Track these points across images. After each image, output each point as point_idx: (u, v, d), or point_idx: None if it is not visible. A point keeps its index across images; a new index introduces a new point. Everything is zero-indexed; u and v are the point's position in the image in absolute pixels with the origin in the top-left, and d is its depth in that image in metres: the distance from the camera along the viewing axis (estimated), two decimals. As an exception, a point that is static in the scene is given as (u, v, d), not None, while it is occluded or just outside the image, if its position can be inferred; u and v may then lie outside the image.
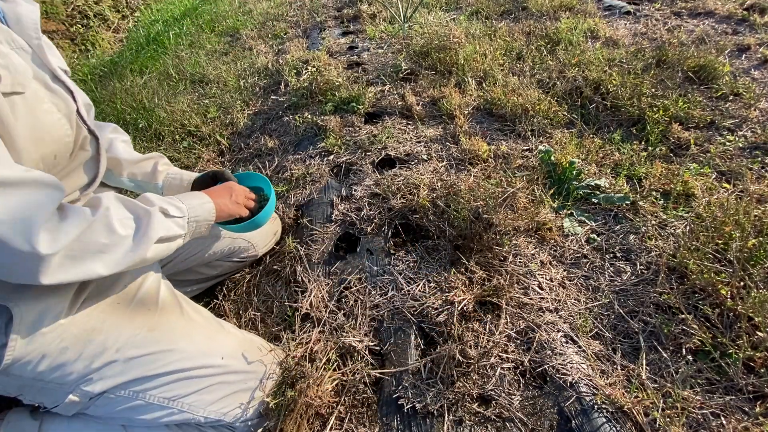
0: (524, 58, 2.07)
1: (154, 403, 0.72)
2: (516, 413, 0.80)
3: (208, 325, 0.86)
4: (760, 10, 2.28)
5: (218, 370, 0.78)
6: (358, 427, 0.83)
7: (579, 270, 1.10)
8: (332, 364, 0.90)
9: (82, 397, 0.70)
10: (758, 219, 1.05)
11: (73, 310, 0.71)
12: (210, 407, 0.76)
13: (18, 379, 0.67)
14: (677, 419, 0.76)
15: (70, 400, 0.69)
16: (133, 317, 0.77)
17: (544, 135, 1.59)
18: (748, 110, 1.55)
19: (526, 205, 1.21)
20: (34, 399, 0.71)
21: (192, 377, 0.76)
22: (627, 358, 0.90)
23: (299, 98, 1.99)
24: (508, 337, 0.93)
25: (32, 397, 0.71)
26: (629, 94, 1.65)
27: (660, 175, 1.31)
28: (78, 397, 0.69)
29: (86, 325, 0.71)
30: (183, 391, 0.74)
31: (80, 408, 0.72)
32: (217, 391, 0.77)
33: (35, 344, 0.67)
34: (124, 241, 0.66)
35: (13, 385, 0.69)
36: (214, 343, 0.82)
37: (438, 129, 1.68)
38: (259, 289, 1.17)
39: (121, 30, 3.98)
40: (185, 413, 0.74)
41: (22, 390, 0.69)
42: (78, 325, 0.70)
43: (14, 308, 0.64)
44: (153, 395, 0.72)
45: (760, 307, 0.87)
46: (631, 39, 2.17)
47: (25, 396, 0.70)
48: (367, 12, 3.06)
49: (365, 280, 1.10)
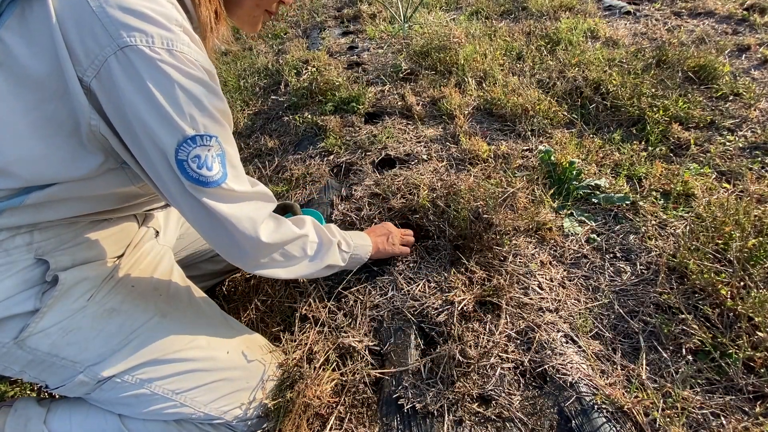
0: (524, 58, 2.07)
1: (158, 394, 0.72)
2: (516, 413, 0.80)
3: (214, 316, 0.87)
4: (760, 10, 2.28)
5: (222, 364, 0.79)
6: (358, 427, 0.83)
7: (579, 270, 1.10)
8: (331, 364, 0.90)
9: (91, 379, 0.70)
10: (758, 219, 1.05)
11: (104, 290, 0.73)
12: (212, 404, 0.76)
13: (30, 353, 0.66)
14: (677, 419, 0.76)
15: (79, 380, 0.69)
16: (148, 302, 0.78)
17: (544, 135, 1.59)
18: (748, 110, 1.55)
19: (526, 205, 1.21)
20: (38, 377, 0.70)
21: (197, 370, 0.76)
22: (627, 358, 0.90)
23: (299, 98, 1.99)
24: (508, 337, 0.93)
25: (37, 375, 0.70)
26: (629, 94, 1.65)
27: (660, 175, 1.31)
28: (87, 378, 0.69)
29: (107, 305, 0.72)
30: (187, 384, 0.75)
31: (86, 390, 0.71)
32: (220, 389, 0.77)
33: (61, 316, 0.67)
34: (305, 260, 0.85)
35: (20, 361, 0.68)
36: (219, 336, 0.82)
37: (438, 129, 1.68)
38: (259, 289, 1.17)
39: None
40: (186, 407, 0.74)
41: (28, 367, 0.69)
42: (101, 304, 0.72)
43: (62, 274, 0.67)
44: (158, 385, 0.73)
45: (760, 307, 0.87)
46: (631, 39, 2.17)
47: (29, 373, 0.69)
48: (367, 12, 3.06)
49: (365, 280, 1.09)
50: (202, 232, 0.71)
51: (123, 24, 0.55)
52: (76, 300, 0.69)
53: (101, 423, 0.76)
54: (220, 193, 0.66)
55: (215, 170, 0.64)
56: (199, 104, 0.62)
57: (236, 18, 0.77)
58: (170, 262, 0.90)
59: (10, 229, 0.65)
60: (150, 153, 0.62)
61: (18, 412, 0.76)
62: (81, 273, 0.71)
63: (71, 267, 0.70)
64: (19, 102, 0.58)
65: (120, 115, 0.60)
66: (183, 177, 0.62)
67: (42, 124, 0.60)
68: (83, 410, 0.77)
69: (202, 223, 0.69)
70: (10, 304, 0.64)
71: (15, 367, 0.68)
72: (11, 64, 0.56)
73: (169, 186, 0.65)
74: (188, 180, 0.63)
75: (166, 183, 0.65)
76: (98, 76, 0.57)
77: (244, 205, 0.70)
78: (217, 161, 0.65)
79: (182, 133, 0.60)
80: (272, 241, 0.74)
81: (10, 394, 1.06)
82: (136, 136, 0.61)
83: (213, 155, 0.64)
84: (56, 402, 0.80)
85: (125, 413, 0.76)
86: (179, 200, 0.66)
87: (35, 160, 0.61)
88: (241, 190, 0.69)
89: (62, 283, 0.67)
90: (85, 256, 0.73)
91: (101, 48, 0.55)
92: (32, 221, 0.66)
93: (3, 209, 0.62)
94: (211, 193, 0.65)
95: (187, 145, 0.61)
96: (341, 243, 0.93)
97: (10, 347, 0.65)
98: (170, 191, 0.66)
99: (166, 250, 0.92)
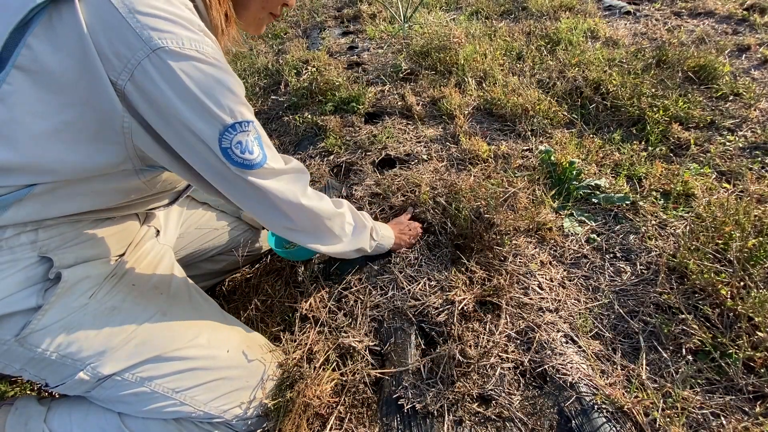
0: (524, 58, 2.07)
1: (158, 393, 0.73)
2: (516, 413, 0.80)
3: (214, 315, 0.88)
4: (760, 10, 2.28)
5: (222, 363, 0.79)
6: (358, 427, 0.83)
7: (579, 270, 1.10)
8: (331, 364, 0.90)
9: (92, 377, 0.70)
10: (758, 219, 1.05)
11: (105, 288, 0.74)
12: (211, 403, 0.76)
13: (30, 351, 0.67)
14: (677, 419, 0.76)
15: (79, 378, 0.69)
16: (148, 301, 0.78)
17: (544, 135, 1.59)
18: (748, 110, 1.55)
19: (527, 205, 1.21)
20: (38, 374, 0.70)
21: (197, 368, 0.76)
22: (627, 358, 0.90)
23: (299, 98, 1.99)
24: (508, 337, 0.93)
25: (37, 373, 0.70)
26: (629, 94, 1.65)
27: (660, 175, 1.31)
28: (88, 376, 0.69)
29: (108, 303, 0.73)
30: (187, 383, 0.75)
31: (86, 388, 0.72)
32: (220, 388, 0.78)
33: (63, 314, 0.68)
34: (343, 238, 0.93)
35: (21, 358, 0.68)
36: (220, 335, 0.83)
37: (438, 129, 1.68)
38: (259, 289, 1.17)
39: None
40: (186, 406, 0.74)
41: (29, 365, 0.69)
42: (102, 302, 0.72)
43: (65, 271, 0.68)
44: (158, 384, 0.73)
45: (760, 307, 0.87)
46: (631, 39, 2.17)
47: (29, 371, 0.70)
48: (367, 12, 3.06)
49: (365, 279, 1.09)
50: (249, 208, 0.78)
51: (153, 28, 0.58)
52: (78, 298, 0.70)
53: (101, 421, 0.76)
54: (263, 172, 0.71)
55: (256, 153, 0.70)
56: (233, 94, 0.66)
57: (243, 20, 0.79)
58: (171, 261, 0.91)
59: (16, 225, 0.65)
60: (194, 146, 0.66)
61: (19, 410, 0.76)
62: (84, 271, 0.71)
63: (74, 265, 0.70)
64: (42, 105, 0.59)
65: (158, 114, 0.63)
66: (230, 163, 0.67)
67: (63, 128, 0.61)
68: (83, 409, 0.77)
69: (250, 200, 0.75)
70: (13, 301, 0.64)
71: (15, 365, 0.68)
72: (38, 70, 0.58)
73: (216, 174, 0.70)
74: (234, 165, 0.68)
75: (213, 172, 0.69)
76: (132, 78, 0.59)
77: (284, 178, 0.76)
78: (256, 144, 0.70)
79: (222, 123, 0.65)
80: (313, 207, 0.81)
81: (10, 393, 1.06)
82: (177, 132, 0.64)
83: (251, 139, 0.69)
84: (56, 401, 0.80)
85: (125, 411, 0.76)
86: (225, 185, 0.72)
87: (50, 161, 0.62)
88: (280, 167, 0.75)
89: (65, 280, 0.68)
90: (87, 254, 0.74)
91: (134, 52, 0.58)
92: (38, 217, 0.67)
93: (11, 202, 0.63)
94: (256, 173, 0.71)
95: (228, 133, 0.65)
96: (373, 230, 1.02)
97: (11, 344, 0.65)
98: (217, 179, 0.71)
99: (166, 250, 0.92)
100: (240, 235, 1.19)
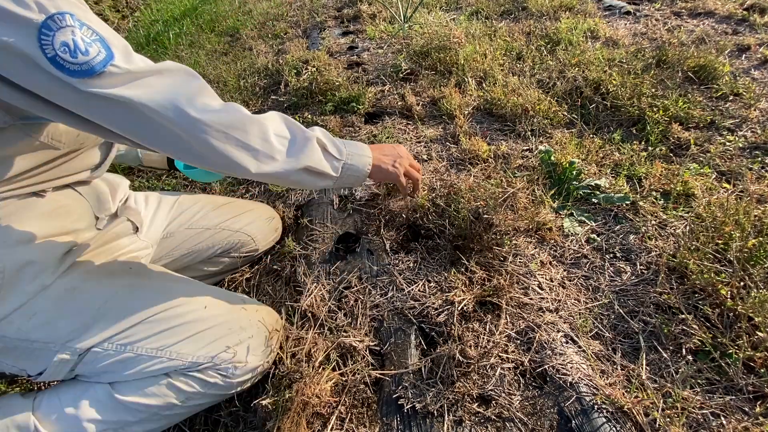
0: (524, 58, 2.07)
1: (143, 354, 0.72)
2: (516, 413, 0.80)
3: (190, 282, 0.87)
4: (760, 10, 2.28)
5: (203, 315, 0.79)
6: (358, 427, 0.83)
7: (579, 270, 1.10)
8: (331, 363, 0.90)
9: (72, 354, 0.69)
10: (758, 219, 1.05)
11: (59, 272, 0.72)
12: (198, 352, 0.76)
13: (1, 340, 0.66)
14: (677, 419, 0.76)
15: (60, 359, 0.69)
16: (115, 276, 0.77)
17: (544, 135, 1.59)
18: (748, 110, 1.55)
19: (527, 205, 1.21)
20: (15, 365, 0.69)
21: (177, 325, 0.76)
22: (627, 358, 0.90)
23: (299, 98, 1.99)
24: (508, 337, 0.93)
25: (13, 362, 0.69)
26: (629, 94, 1.64)
27: (660, 175, 1.31)
28: (67, 354, 0.69)
29: (68, 285, 0.72)
30: (170, 340, 0.75)
31: (69, 368, 0.71)
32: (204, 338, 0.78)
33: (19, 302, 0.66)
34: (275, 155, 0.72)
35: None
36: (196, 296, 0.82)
37: (438, 129, 1.68)
38: (259, 289, 1.17)
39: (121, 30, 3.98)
40: (174, 360, 0.74)
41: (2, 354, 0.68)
42: (61, 285, 0.71)
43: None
44: (141, 346, 0.72)
45: (760, 307, 0.87)
46: (631, 39, 2.17)
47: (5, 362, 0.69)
48: (367, 12, 3.06)
49: (365, 280, 1.10)
50: (123, 131, 0.62)
51: None
52: (29, 283, 0.68)
53: (93, 394, 0.75)
54: (114, 77, 0.57)
55: (94, 52, 0.55)
56: None
57: None
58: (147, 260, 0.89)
59: None
60: (23, 69, 0.53)
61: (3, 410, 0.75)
62: (21, 256, 0.67)
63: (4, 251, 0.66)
64: None
65: None
66: (66, 75, 0.54)
67: None
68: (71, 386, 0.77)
69: (117, 121, 0.60)
70: None
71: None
72: None
73: (65, 99, 0.57)
74: (71, 75, 0.54)
75: (61, 96, 0.56)
76: None
77: (152, 83, 0.60)
78: (93, 41, 0.56)
79: (31, 23, 0.52)
80: (206, 119, 0.63)
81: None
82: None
83: (81, 37, 0.55)
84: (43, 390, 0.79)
85: (114, 380, 0.75)
86: (83, 108, 0.58)
87: None
88: (138, 68, 0.59)
89: (1, 270, 0.65)
90: (16, 239, 0.68)
91: None
92: None
93: None
94: (103, 79, 0.56)
95: (45, 36, 0.52)
96: (326, 144, 0.80)
97: None
98: (71, 103, 0.57)
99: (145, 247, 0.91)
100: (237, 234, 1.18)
